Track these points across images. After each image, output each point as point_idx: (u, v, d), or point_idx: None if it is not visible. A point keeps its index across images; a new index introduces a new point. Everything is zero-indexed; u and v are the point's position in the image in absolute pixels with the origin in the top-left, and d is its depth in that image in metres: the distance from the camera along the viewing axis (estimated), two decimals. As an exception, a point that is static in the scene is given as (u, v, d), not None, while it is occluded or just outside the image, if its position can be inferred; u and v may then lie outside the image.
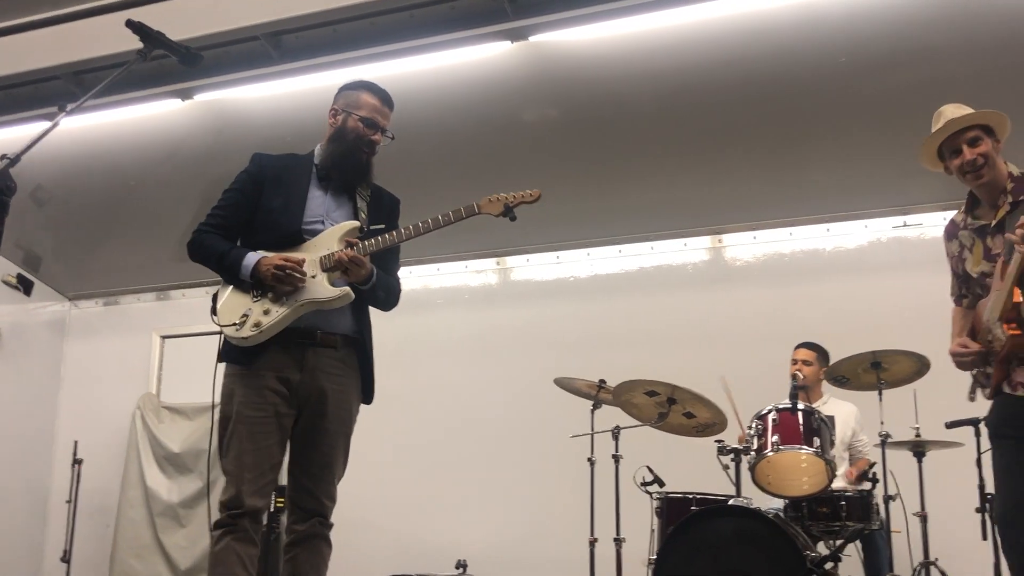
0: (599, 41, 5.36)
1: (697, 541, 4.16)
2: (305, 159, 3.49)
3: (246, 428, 3.17)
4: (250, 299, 3.25)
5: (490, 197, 3.31)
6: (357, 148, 3.39)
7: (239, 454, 3.16)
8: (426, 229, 3.28)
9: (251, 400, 3.19)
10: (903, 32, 5.06)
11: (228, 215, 3.39)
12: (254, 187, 3.39)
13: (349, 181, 3.44)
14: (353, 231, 3.34)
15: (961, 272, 3.45)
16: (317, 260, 3.26)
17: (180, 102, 5.97)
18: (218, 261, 3.32)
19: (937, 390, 4.54)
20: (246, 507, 3.10)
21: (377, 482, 6.25)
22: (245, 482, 3.12)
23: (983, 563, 4.18)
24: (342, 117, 3.43)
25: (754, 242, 6.53)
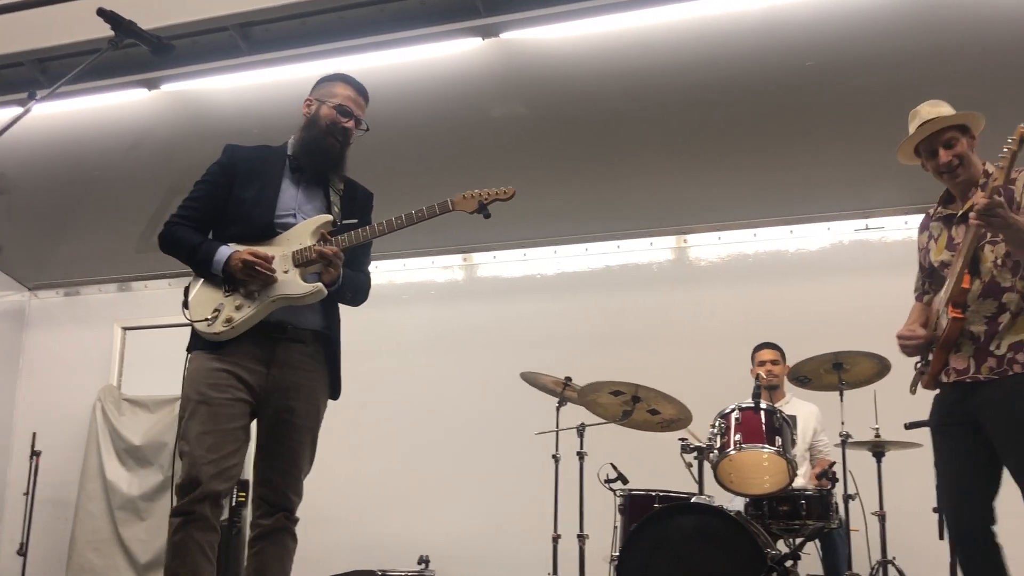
0: (569, 40, 5.38)
1: (659, 538, 4.18)
2: (278, 151, 3.46)
3: (208, 410, 3.11)
4: (222, 293, 3.23)
5: (464, 194, 3.30)
6: (329, 134, 3.37)
7: (200, 435, 3.08)
8: (399, 225, 3.26)
9: (216, 383, 3.14)
10: (868, 37, 5.12)
11: (200, 207, 3.35)
12: (226, 178, 3.36)
13: (320, 169, 3.42)
14: (325, 225, 3.31)
15: (926, 265, 3.52)
16: (289, 255, 3.24)
17: (146, 92, 5.90)
18: (190, 254, 3.28)
19: (897, 391, 4.57)
20: (206, 490, 3.02)
21: (338, 477, 6.22)
22: (206, 463, 3.04)
23: (939, 562, 4.24)
24: (315, 106, 3.41)
25: (719, 242, 6.59)
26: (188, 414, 3.15)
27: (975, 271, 3.23)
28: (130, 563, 6.91)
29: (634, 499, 4.58)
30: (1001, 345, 3.16)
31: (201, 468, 3.04)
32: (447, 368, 6.84)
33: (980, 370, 3.19)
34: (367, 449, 6.69)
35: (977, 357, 3.20)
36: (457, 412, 6.68)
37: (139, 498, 7.03)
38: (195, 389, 3.16)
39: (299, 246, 3.26)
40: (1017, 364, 3.12)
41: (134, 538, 6.94)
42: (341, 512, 6.51)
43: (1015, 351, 3.13)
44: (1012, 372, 3.12)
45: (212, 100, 6.01)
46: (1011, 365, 3.13)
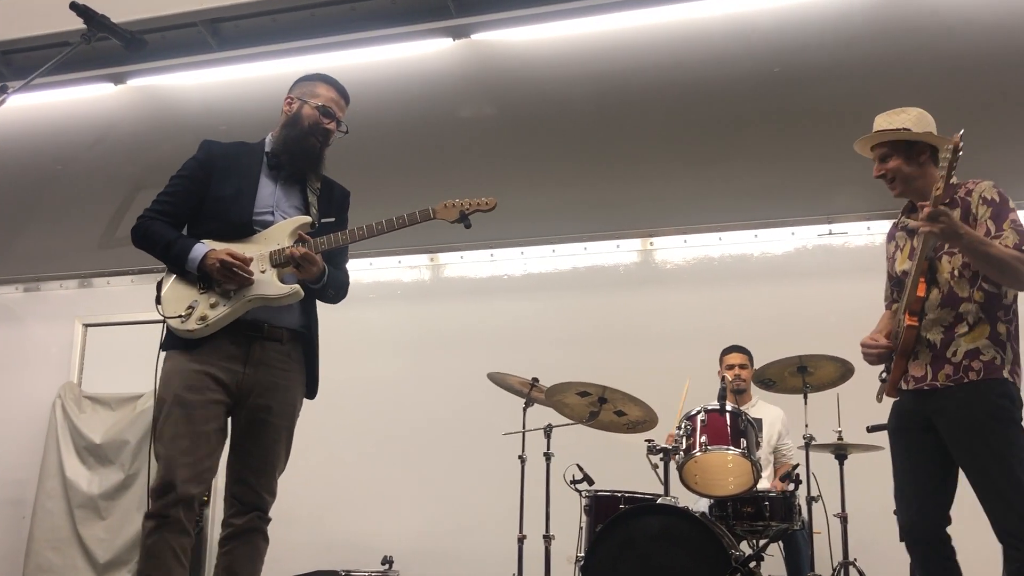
0: (539, 42, 5.42)
1: (625, 539, 4.20)
2: (256, 147, 3.45)
3: (183, 412, 3.09)
4: (196, 290, 3.21)
5: (446, 203, 3.31)
6: (311, 134, 3.38)
7: (174, 437, 3.07)
8: (379, 231, 3.27)
9: (191, 384, 3.13)
10: (833, 45, 5.20)
11: (176, 202, 3.33)
12: (203, 174, 3.34)
13: (300, 168, 3.41)
14: (304, 226, 3.31)
15: (893, 274, 3.57)
16: (267, 255, 3.23)
17: (112, 86, 5.85)
18: (164, 250, 3.26)
19: (860, 395, 4.65)
20: (179, 493, 3.01)
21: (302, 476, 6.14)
22: (180, 466, 3.03)
23: (900, 563, 4.27)
24: (297, 105, 3.41)
25: (684, 246, 6.63)
26: (163, 416, 3.13)
27: (932, 280, 3.28)
28: (89, 563, 6.82)
29: (600, 500, 4.60)
30: (957, 352, 3.21)
31: (176, 471, 3.03)
32: (413, 368, 6.82)
33: (937, 377, 3.24)
34: (331, 449, 6.66)
35: (934, 365, 3.25)
36: (423, 412, 6.67)
37: (99, 497, 6.94)
38: (170, 391, 3.14)
39: (276, 246, 3.25)
40: (972, 372, 3.18)
41: (93, 537, 6.85)
42: (304, 511, 6.47)
43: (970, 359, 3.19)
44: (968, 380, 3.18)
45: (179, 96, 5.97)
46: (967, 372, 3.18)
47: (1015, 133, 5.34)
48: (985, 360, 3.18)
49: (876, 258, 3.90)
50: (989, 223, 3.22)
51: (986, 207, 3.25)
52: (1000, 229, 3.20)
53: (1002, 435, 3.11)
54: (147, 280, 7.43)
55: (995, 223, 3.22)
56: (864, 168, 5.02)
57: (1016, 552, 3.00)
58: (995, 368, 3.17)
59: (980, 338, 3.20)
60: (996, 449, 3.09)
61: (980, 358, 3.18)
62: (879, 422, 4.48)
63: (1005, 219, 3.22)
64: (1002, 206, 3.25)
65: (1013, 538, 3.02)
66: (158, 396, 3.19)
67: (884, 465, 4.44)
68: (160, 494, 3.03)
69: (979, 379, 3.17)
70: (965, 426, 3.15)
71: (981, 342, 3.19)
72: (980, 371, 3.17)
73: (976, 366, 3.17)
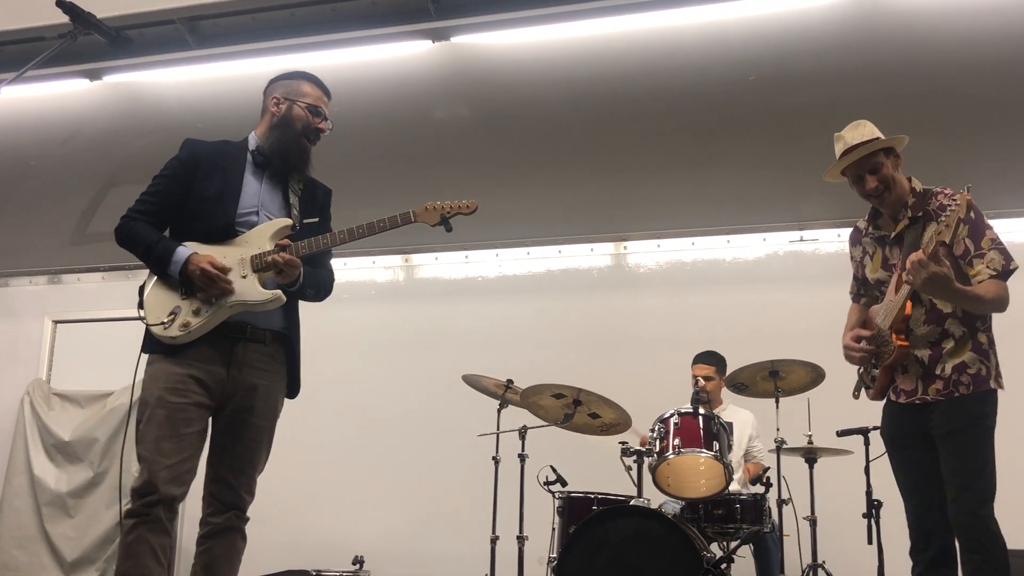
0: (517, 47, 5.44)
1: (598, 540, 4.23)
2: (239, 146, 3.43)
3: (166, 414, 3.09)
4: (178, 295, 3.20)
5: (426, 205, 3.32)
6: (304, 135, 3.38)
7: (157, 439, 3.07)
8: (360, 234, 3.28)
9: (174, 386, 3.12)
10: (806, 55, 5.27)
11: (158, 202, 3.30)
12: (186, 174, 3.31)
13: (291, 169, 3.41)
14: (285, 229, 3.31)
15: (861, 276, 3.65)
16: (248, 259, 3.22)
17: (88, 82, 5.80)
18: (146, 251, 3.23)
19: (830, 399, 4.74)
20: (161, 494, 3.02)
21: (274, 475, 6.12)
22: (162, 468, 3.04)
23: (868, 566, 4.38)
24: (286, 105, 3.39)
25: (657, 250, 6.68)
26: (146, 418, 3.13)
27: (916, 299, 3.36)
28: (56, 561, 6.76)
29: (573, 501, 4.62)
30: (946, 368, 3.31)
31: (158, 474, 3.03)
32: (387, 369, 6.83)
33: (928, 392, 3.33)
34: (303, 448, 6.62)
35: (924, 380, 3.35)
36: (397, 413, 6.68)
37: (67, 495, 6.88)
38: (153, 393, 3.14)
39: (258, 250, 3.24)
40: (962, 386, 3.28)
41: (61, 535, 6.79)
42: (275, 511, 6.39)
43: (959, 372, 3.29)
44: (958, 393, 3.28)
45: (155, 93, 5.94)
46: (956, 387, 3.28)
47: (987, 142, 5.43)
48: (972, 373, 3.28)
49: (846, 265, 3.96)
50: (967, 242, 3.30)
51: (963, 225, 3.32)
52: (980, 248, 3.28)
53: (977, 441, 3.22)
54: (118, 277, 7.39)
55: (974, 242, 3.30)
56: (836, 176, 5.11)
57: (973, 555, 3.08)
58: (982, 380, 3.28)
59: (965, 351, 3.30)
60: (971, 454, 3.20)
61: (968, 371, 3.28)
62: (849, 426, 4.58)
63: (983, 235, 3.30)
64: (978, 222, 3.33)
65: (972, 540, 3.10)
66: (141, 398, 3.18)
67: (854, 468, 4.55)
68: (142, 495, 3.04)
69: (969, 392, 3.28)
70: (951, 428, 3.25)
71: (967, 355, 3.29)
72: (969, 384, 3.28)
73: (965, 380, 3.28)
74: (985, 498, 3.15)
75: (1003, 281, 3.26)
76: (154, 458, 3.05)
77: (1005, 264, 3.26)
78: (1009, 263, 3.28)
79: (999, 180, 5.51)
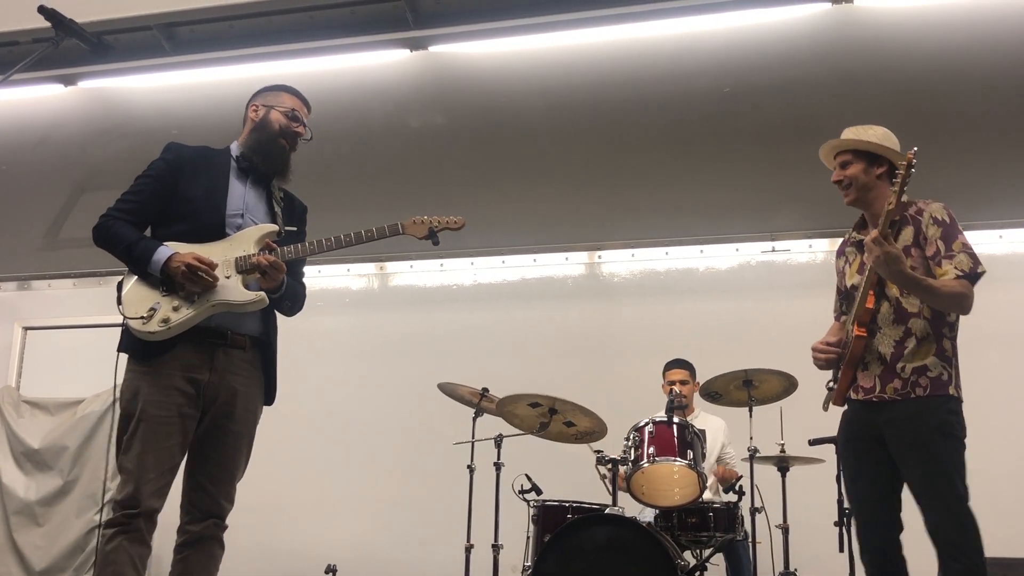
0: (495, 56, 5.48)
1: (573, 549, 4.23)
2: (222, 152, 3.47)
3: (150, 427, 3.10)
4: (159, 292, 3.19)
5: (415, 219, 3.36)
6: (281, 136, 3.42)
7: (141, 453, 3.07)
8: (347, 243, 3.31)
9: (157, 399, 3.12)
10: (782, 66, 5.33)
11: (142, 202, 3.30)
12: (171, 174, 3.32)
13: (272, 170, 3.44)
14: (271, 234, 3.33)
15: (843, 288, 3.69)
16: (232, 261, 3.23)
17: (63, 87, 5.77)
18: (126, 251, 3.21)
19: (802, 409, 4.78)
20: (143, 507, 3.03)
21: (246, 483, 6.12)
22: (145, 482, 3.05)
23: (839, 573, 4.43)
24: (264, 111, 3.45)
25: (632, 259, 6.73)
26: (130, 432, 3.13)
27: (883, 295, 3.41)
28: (25, 570, 6.67)
29: (548, 510, 4.63)
30: (906, 368, 3.33)
31: (142, 487, 3.04)
32: (362, 378, 6.82)
33: (885, 390, 3.35)
34: (276, 456, 6.53)
35: (883, 377, 3.36)
36: (371, 422, 6.66)
37: (36, 503, 6.79)
38: (136, 405, 3.13)
39: (243, 252, 3.25)
40: (920, 388, 3.29)
41: (30, 544, 6.70)
42: (247, 519, 6.31)
43: (918, 375, 3.31)
44: (915, 395, 3.29)
45: (130, 99, 5.92)
46: (914, 388, 3.30)
47: (960, 153, 5.51)
48: (932, 377, 3.30)
49: (817, 275, 4.02)
50: (939, 243, 3.35)
51: (937, 227, 3.37)
52: (950, 250, 3.32)
53: (946, 449, 3.23)
54: (89, 284, 7.33)
55: (945, 244, 3.34)
56: (807, 188, 5.18)
57: (956, 563, 3.12)
58: (942, 384, 3.29)
59: (928, 355, 3.32)
60: (941, 462, 3.21)
61: (928, 375, 3.30)
62: (821, 435, 4.63)
63: (955, 239, 3.34)
64: (952, 227, 3.37)
65: (953, 547, 3.13)
66: (124, 411, 3.17)
67: (825, 477, 4.59)
68: (124, 507, 3.05)
69: (926, 395, 3.28)
70: (912, 440, 3.25)
71: (929, 359, 3.31)
72: (927, 387, 3.29)
73: (923, 383, 3.29)
74: (962, 508, 3.16)
75: (968, 283, 3.29)
76: (138, 472, 3.06)
77: (972, 267, 3.29)
78: (976, 266, 3.30)
79: (971, 192, 5.58)
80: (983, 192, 5.72)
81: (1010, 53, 5.10)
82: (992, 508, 4.16)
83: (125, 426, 3.15)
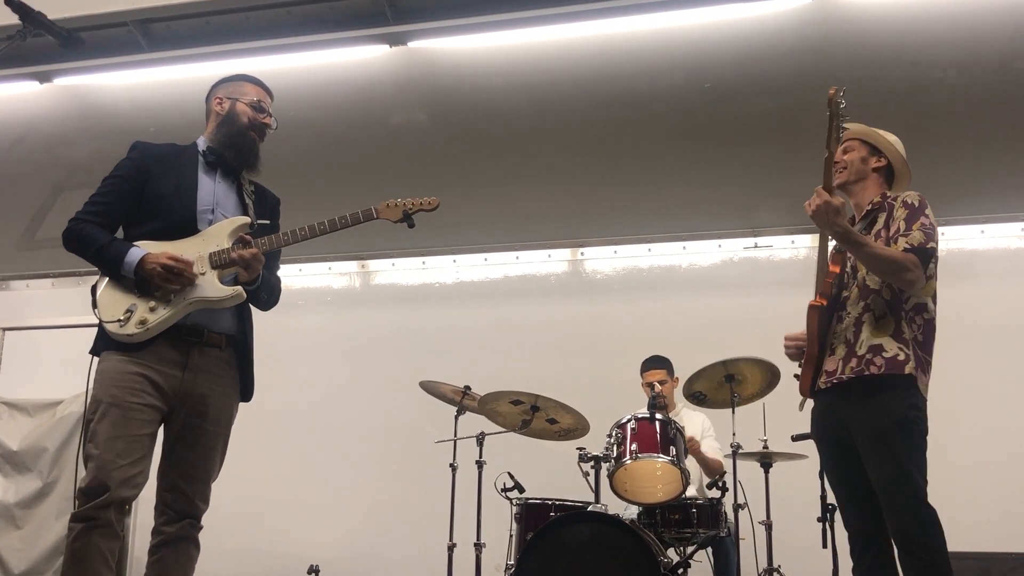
0: (474, 51, 5.44)
1: (556, 546, 4.22)
2: (189, 148, 3.43)
3: (121, 413, 3.03)
4: (134, 294, 3.15)
5: (388, 202, 3.33)
6: (250, 128, 3.39)
7: (110, 439, 2.99)
8: (322, 231, 3.28)
9: (129, 385, 3.06)
10: (760, 60, 5.31)
11: (110, 203, 3.26)
12: (138, 173, 3.28)
13: (241, 163, 3.41)
14: (244, 227, 3.30)
15: None
16: (207, 256, 3.19)
17: (38, 84, 5.70)
18: (97, 253, 3.17)
19: (785, 405, 4.76)
20: (113, 495, 2.94)
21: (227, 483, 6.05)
22: (115, 468, 2.96)
23: (823, 570, 4.41)
24: (229, 103, 3.41)
25: (614, 256, 6.72)
26: (98, 416, 3.05)
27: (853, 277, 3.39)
28: (4, 573, 6.61)
29: (530, 508, 4.62)
30: (862, 345, 3.29)
31: (110, 473, 2.95)
32: (344, 376, 6.79)
33: (844, 371, 3.31)
34: (257, 455, 6.54)
35: (845, 359, 3.33)
36: (353, 420, 6.64)
37: (15, 505, 6.72)
38: (107, 391, 3.07)
39: (216, 247, 3.22)
40: (873, 366, 3.23)
41: (9, 547, 6.63)
42: (229, 519, 6.32)
43: (873, 353, 3.25)
44: (868, 372, 3.24)
45: (107, 97, 5.85)
46: (868, 366, 3.24)
47: (944, 149, 5.49)
48: (888, 356, 3.23)
49: (800, 271, 4.02)
50: (902, 223, 3.33)
51: (904, 209, 3.36)
52: (908, 229, 3.29)
53: (906, 444, 3.19)
54: (68, 284, 7.27)
55: (907, 223, 3.31)
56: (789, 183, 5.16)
57: (915, 560, 3.10)
58: (897, 364, 3.22)
59: (884, 335, 3.26)
60: (900, 458, 3.17)
61: (883, 354, 3.24)
62: (804, 431, 4.62)
63: (916, 221, 3.31)
64: (918, 210, 3.34)
65: (912, 543, 3.11)
66: (93, 396, 3.10)
67: (808, 473, 4.58)
68: (91, 496, 2.95)
69: (880, 374, 3.23)
70: (873, 434, 3.22)
71: (885, 339, 3.26)
72: (882, 367, 3.23)
73: (878, 362, 3.23)
74: (918, 501, 3.13)
75: (915, 257, 3.22)
76: (107, 457, 2.97)
77: (923, 242, 3.24)
78: (927, 243, 3.24)
79: (953, 186, 5.58)
80: (965, 187, 5.74)
81: (992, 47, 5.10)
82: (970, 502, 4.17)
83: (94, 412, 3.07)
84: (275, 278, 3.50)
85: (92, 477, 2.97)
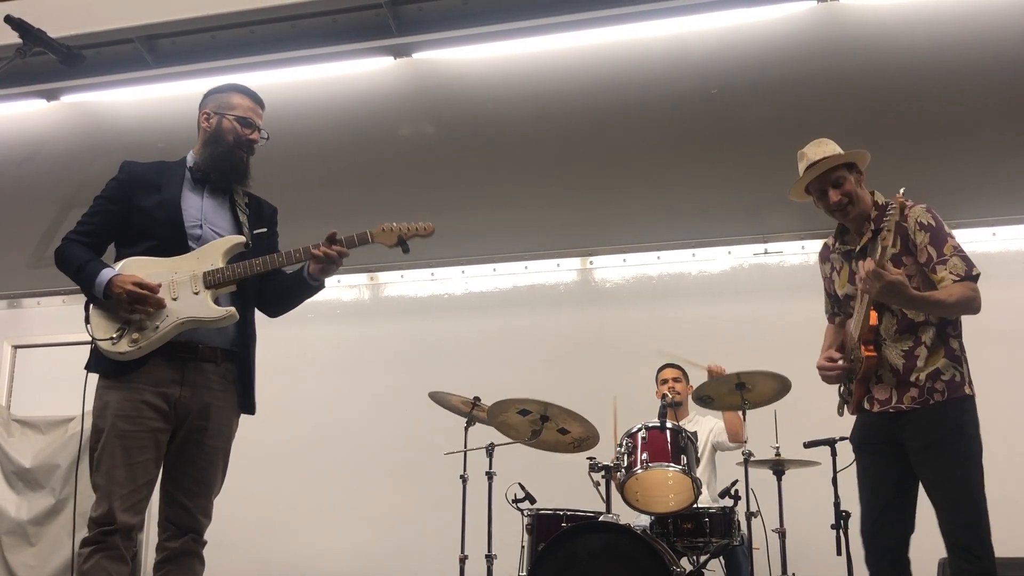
0: (480, 61, 5.44)
1: (567, 557, 4.20)
2: (177, 164, 3.42)
3: (120, 442, 3.06)
4: (125, 312, 3.14)
5: (383, 226, 3.31)
6: (237, 147, 3.36)
7: (111, 469, 3.04)
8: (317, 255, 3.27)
9: (126, 414, 3.08)
10: (770, 67, 5.30)
11: (97, 223, 3.28)
12: (124, 193, 3.29)
13: (229, 182, 3.39)
14: (239, 245, 3.29)
15: (832, 292, 3.66)
16: (200, 275, 3.19)
17: (45, 103, 5.73)
18: (75, 272, 3.20)
19: (797, 411, 4.76)
20: (118, 523, 2.99)
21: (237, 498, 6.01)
22: (117, 498, 3.01)
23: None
24: (216, 119, 3.37)
25: (623, 264, 6.69)
26: (101, 447, 3.09)
27: (883, 308, 3.38)
28: (18, 591, 6.63)
29: (542, 519, 4.60)
30: (920, 376, 3.33)
31: (115, 503, 3.00)
32: (353, 388, 6.77)
33: (903, 400, 3.35)
34: (267, 470, 6.56)
35: (899, 389, 3.36)
36: (363, 432, 6.62)
37: (28, 522, 6.73)
38: (106, 420, 3.09)
39: (210, 266, 3.20)
40: (937, 393, 3.30)
41: (22, 564, 6.64)
42: (239, 534, 6.35)
43: (932, 380, 3.31)
44: (933, 401, 3.30)
45: (114, 113, 5.88)
46: (931, 394, 3.31)
47: (947, 152, 5.48)
48: (947, 380, 3.31)
49: (810, 276, 3.98)
50: (930, 249, 3.33)
51: (924, 232, 3.35)
52: (942, 254, 3.31)
53: (963, 449, 3.24)
54: (78, 301, 7.11)
55: (936, 248, 3.33)
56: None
57: (968, 565, 3.09)
58: (957, 386, 3.31)
59: (939, 359, 3.32)
60: (956, 463, 3.21)
61: (942, 378, 3.31)
62: (816, 437, 4.59)
63: (944, 243, 3.34)
64: (939, 230, 3.36)
65: (965, 551, 3.11)
66: (94, 426, 3.14)
67: (821, 480, 4.54)
68: (99, 524, 3.01)
69: (944, 399, 3.29)
70: (929, 441, 3.26)
71: (941, 362, 3.32)
72: (944, 391, 3.30)
73: (939, 387, 3.30)
74: (978, 510, 3.16)
75: (972, 283, 3.29)
76: (110, 487, 3.02)
77: (967, 270, 3.30)
78: (971, 269, 3.32)
79: (959, 190, 5.57)
80: (975, 190, 5.71)
81: (999, 48, 5.08)
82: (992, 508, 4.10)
83: (96, 442, 3.11)
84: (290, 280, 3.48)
85: (99, 507, 3.03)
